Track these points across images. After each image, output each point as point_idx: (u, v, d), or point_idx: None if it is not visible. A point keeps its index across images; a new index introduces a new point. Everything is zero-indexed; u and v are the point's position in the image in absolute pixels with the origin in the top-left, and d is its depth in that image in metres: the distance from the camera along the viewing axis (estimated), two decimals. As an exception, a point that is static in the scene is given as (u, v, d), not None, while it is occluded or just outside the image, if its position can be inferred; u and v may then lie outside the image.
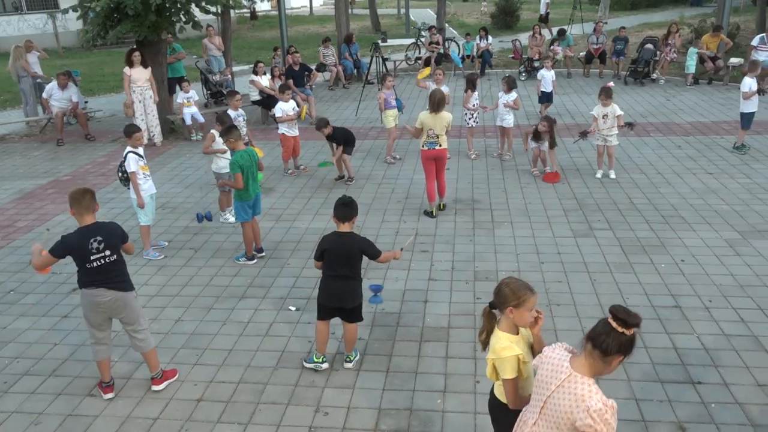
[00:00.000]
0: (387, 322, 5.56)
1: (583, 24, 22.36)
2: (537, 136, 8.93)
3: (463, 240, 7.14)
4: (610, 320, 2.61)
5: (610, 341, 2.58)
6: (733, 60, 14.63)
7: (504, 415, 3.24)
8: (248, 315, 5.79)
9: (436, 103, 7.39)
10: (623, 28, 16.49)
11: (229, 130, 6.65)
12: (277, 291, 6.21)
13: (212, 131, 7.65)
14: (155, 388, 4.75)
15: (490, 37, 17.64)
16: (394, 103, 9.95)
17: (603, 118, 8.69)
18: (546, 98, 11.98)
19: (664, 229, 7.18)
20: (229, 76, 14.89)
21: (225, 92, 12.41)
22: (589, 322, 5.37)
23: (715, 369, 4.74)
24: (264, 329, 5.55)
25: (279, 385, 4.79)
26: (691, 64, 14.64)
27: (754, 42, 14.00)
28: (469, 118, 10.02)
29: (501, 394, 3.24)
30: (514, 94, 9.77)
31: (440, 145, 7.58)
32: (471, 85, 9.92)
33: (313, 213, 8.14)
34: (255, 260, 6.81)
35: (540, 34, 16.93)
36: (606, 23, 17.55)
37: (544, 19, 22.74)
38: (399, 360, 5.04)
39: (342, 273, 4.65)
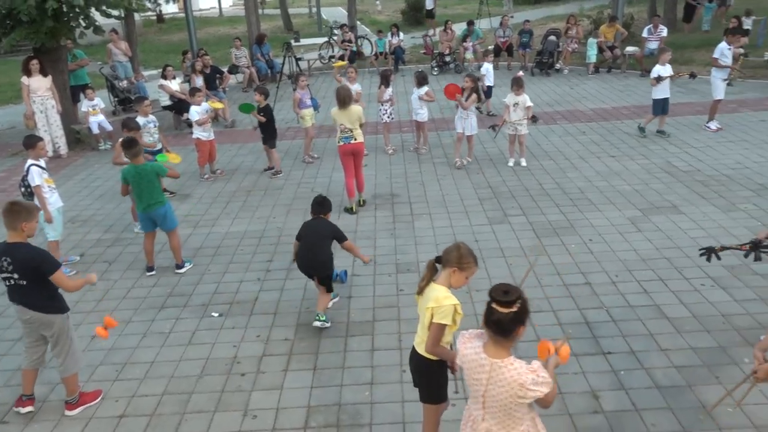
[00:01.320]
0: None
1: (490, 18, 23.00)
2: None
3: (384, 234, 7.24)
4: (493, 305, 2.75)
5: (502, 323, 2.72)
6: (629, 48, 15.49)
7: (433, 370, 3.60)
8: (169, 325, 5.66)
9: (341, 100, 7.63)
10: (527, 21, 17.14)
11: (129, 144, 6.43)
12: (198, 298, 6.10)
13: (121, 140, 7.40)
14: (68, 413, 4.56)
15: (401, 34, 17.88)
16: (309, 102, 9.94)
17: (514, 106, 9.01)
18: (488, 93, 12.35)
19: (572, 211, 7.55)
20: (144, 80, 14.41)
21: (133, 98, 12.01)
22: (506, 305, 5.59)
23: (623, 339, 5.05)
24: (186, 338, 5.44)
25: (205, 393, 4.72)
26: (592, 54, 15.40)
27: (644, 33, 14.90)
28: (384, 114, 10.14)
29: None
30: (425, 89, 9.95)
31: (355, 139, 7.72)
32: (384, 81, 10.05)
33: (232, 217, 8.02)
34: (153, 272, 6.62)
35: (451, 29, 17.31)
36: (512, 17, 18.15)
37: (430, 15, 23.34)
38: (325, 357, 5.07)
39: (313, 249, 5.46)
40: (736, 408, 4.06)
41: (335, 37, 18.69)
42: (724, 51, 10.04)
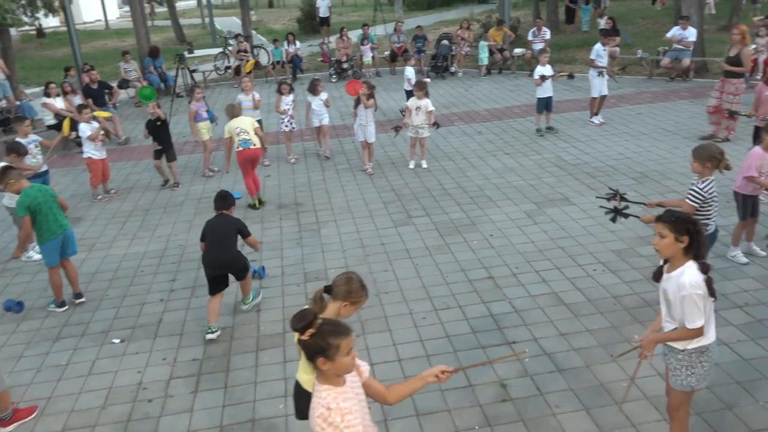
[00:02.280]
0: (220, 338, 5.45)
1: (385, 24, 23.37)
2: (357, 101, 9.24)
3: (290, 244, 7.19)
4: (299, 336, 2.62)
5: (305, 350, 2.60)
6: (517, 50, 16.21)
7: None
8: (66, 356, 5.35)
9: (233, 114, 8.28)
10: (420, 26, 17.55)
11: (3, 172, 5.81)
12: (97, 325, 5.80)
13: (2, 164, 6.91)
14: (2, 430, 4.29)
15: (298, 42, 17.82)
16: (205, 115, 9.70)
17: (416, 110, 9.20)
18: (410, 95, 12.45)
19: (473, 209, 7.80)
20: (28, 99, 13.49)
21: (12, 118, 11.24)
22: (416, 305, 5.73)
23: (525, 327, 5.28)
24: (86, 368, 5.16)
25: (109, 425, 4.50)
26: (483, 57, 15.99)
27: (529, 36, 15.66)
28: (281, 123, 10.08)
29: (306, 382, 3.34)
30: (325, 95, 10.02)
31: (254, 144, 8.08)
32: (284, 89, 9.98)
33: (129, 238, 7.69)
34: (66, 308, 6.12)
35: (347, 36, 17.43)
36: (403, 23, 18.49)
37: (325, 22, 23.54)
38: (237, 373, 4.97)
39: (222, 246, 5.43)
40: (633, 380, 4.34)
41: (230, 48, 18.35)
42: (599, 52, 10.71)
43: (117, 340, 5.53)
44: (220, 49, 19.21)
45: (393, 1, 27.70)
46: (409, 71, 12.24)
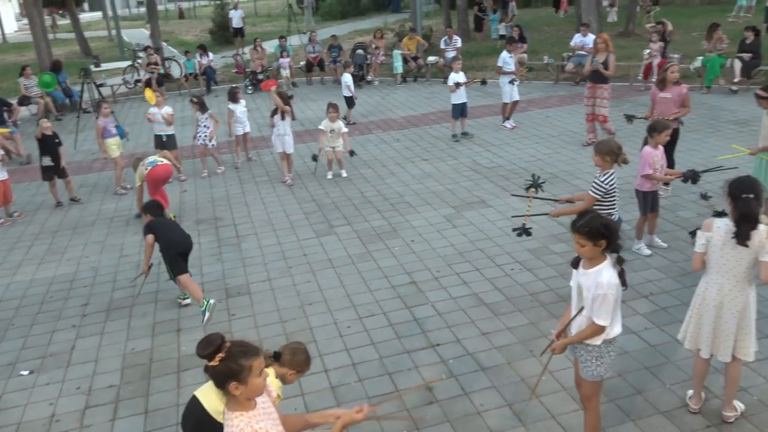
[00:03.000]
0: (138, 361, 5.25)
1: (299, 35, 23.31)
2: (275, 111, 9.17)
3: (210, 260, 7.03)
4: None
5: (215, 377, 2.51)
6: (431, 58, 16.56)
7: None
8: (-31, 393, 5.00)
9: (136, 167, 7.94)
10: (334, 36, 17.62)
11: None
12: (2, 358, 5.45)
13: None
14: None
15: (211, 54, 17.47)
16: (114, 131, 9.34)
17: (330, 132, 9.20)
18: (350, 102, 12.61)
19: (394, 215, 7.90)
20: None
21: None
22: (340, 314, 5.73)
23: (449, 329, 5.39)
24: (-8, 404, 4.85)
25: (20, 461, 4.24)
26: (398, 65, 16.24)
27: (442, 44, 16.04)
28: (194, 137, 9.88)
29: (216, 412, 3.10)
30: (243, 102, 10.22)
31: (162, 161, 7.79)
32: (199, 105, 9.80)
33: (36, 262, 7.29)
34: None
35: (261, 47, 17.25)
36: (317, 32, 18.46)
37: (239, 33, 23.32)
38: (158, 397, 4.80)
39: (182, 230, 6.04)
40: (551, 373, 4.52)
41: (140, 61, 17.77)
42: (506, 59, 11.11)
43: (25, 372, 5.22)
44: (129, 62, 18.57)
45: (307, 12, 27.68)
46: (347, 78, 12.41)
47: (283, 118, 9.03)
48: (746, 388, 4.39)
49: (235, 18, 23.65)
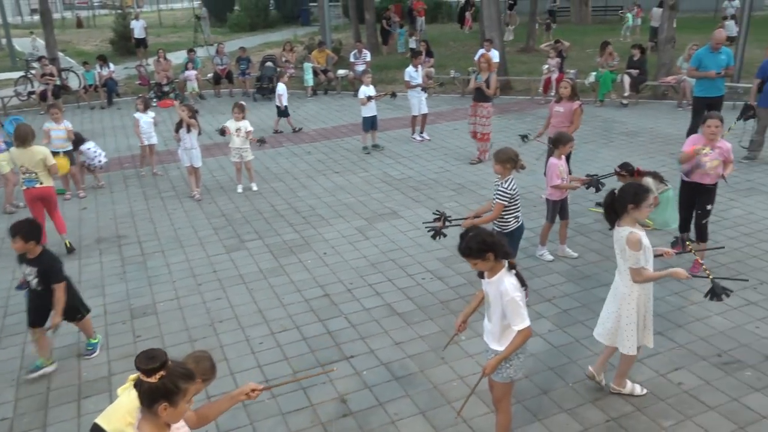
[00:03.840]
0: (35, 391, 4.93)
1: (207, 47, 22.82)
2: (180, 125, 8.94)
3: (113, 280, 6.72)
4: (139, 375, 2.49)
5: (147, 394, 2.46)
6: (341, 71, 16.67)
7: None
8: None
9: (22, 137, 6.96)
10: (243, 48, 17.40)
11: None
12: None
13: None
14: None
15: (111, 65, 16.77)
16: (3, 146, 8.77)
17: (236, 131, 9.07)
18: (282, 112, 12.55)
19: (306, 228, 7.86)
20: None
21: None
22: (252, 331, 5.63)
23: (362, 341, 5.41)
24: None
25: None
26: (308, 78, 16.22)
27: (351, 58, 16.20)
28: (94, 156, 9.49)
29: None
30: (152, 113, 10.03)
31: (41, 183, 7.10)
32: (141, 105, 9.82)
33: None
34: None
35: (165, 59, 16.74)
36: (221, 45, 18.04)
37: (142, 44, 22.69)
38: (56, 428, 4.52)
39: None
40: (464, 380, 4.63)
41: (33, 71, 16.79)
42: (411, 73, 11.35)
43: None
44: (22, 73, 17.51)
45: (219, 23, 27.09)
46: (281, 87, 12.35)
47: (189, 132, 8.80)
48: (639, 382, 4.68)
49: (137, 28, 22.86)
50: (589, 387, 4.66)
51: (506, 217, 5.54)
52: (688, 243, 5.83)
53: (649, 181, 6.25)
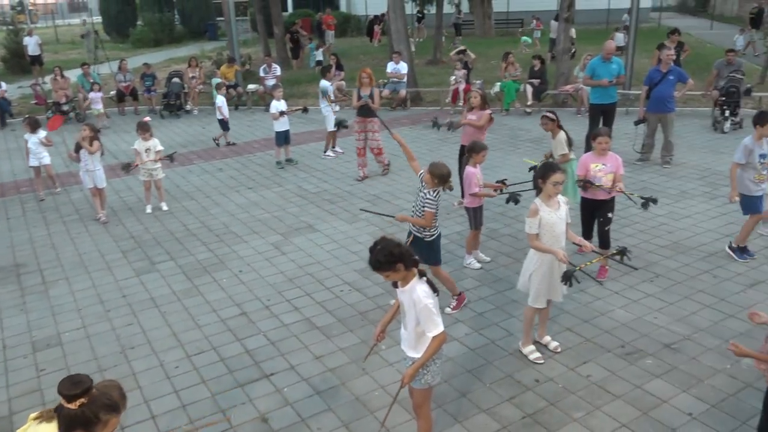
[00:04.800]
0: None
1: (109, 63, 21.96)
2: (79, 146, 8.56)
3: (12, 311, 6.31)
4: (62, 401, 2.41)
5: (65, 420, 2.38)
6: (251, 86, 16.45)
7: None
8: None
9: None
10: (147, 64, 16.87)
11: None
12: None
13: None
14: None
15: (3, 84, 15.81)
16: None
17: (146, 152, 8.77)
18: (224, 125, 12.36)
19: (220, 246, 7.69)
20: None
21: None
22: (166, 355, 5.44)
23: (282, 357, 5.35)
24: None
25: None
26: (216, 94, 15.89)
27: (261, 72, 16.05)
28: None
29: None
30: (42, 133, 9.63)
31: None
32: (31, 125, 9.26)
33: None
34: None
35: (62, 76, 15.94)
36: (124, 61, 17.40)
37: (37, 61, 21.68)
38: (-49, 475, 4.19)
39: None
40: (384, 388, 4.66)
41: None
42: (328, 88, 11.40)
43: None
44: None
45: (88, 41, 25.76)
46: (220, 100, 12.17)
47: (90, 153, 8.43)
48: (551, 378, 4.89)
49: (31, 45, 21.67)
50: (506, 386, 4.82)
51: (433, 224, 5.61)
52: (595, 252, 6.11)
53: (563, 137, 7.27)
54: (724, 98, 11.99)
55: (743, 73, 12.50)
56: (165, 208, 9.02)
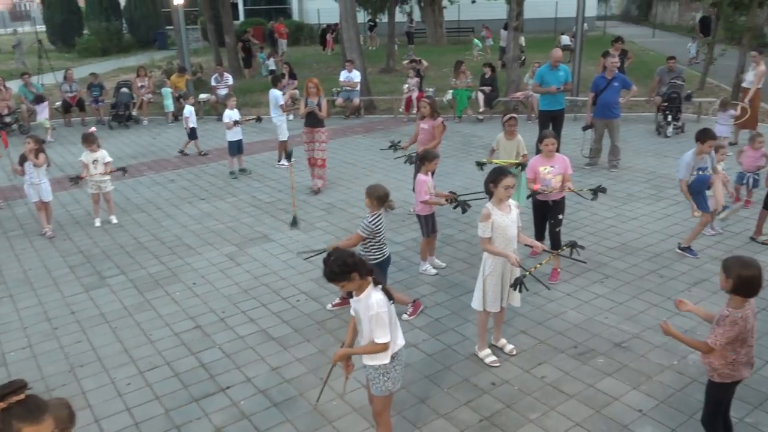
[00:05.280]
0: None
1: (54, 73, 21.32)
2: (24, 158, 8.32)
3: (-48, 333, 6.05)
4: None
5: None
6: (202, 96, 16.21)
7: None
8: None
9: None
10: (94, 74, 16.47)
11: None
12: None
13: None
14: None
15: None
16: None
17: (93, 163, 8.55)
18: (193, 134, 12.18)
19: (173, 259, 7.54)
20: None
21: None
22: (118, 372, 5.31)
23: (238, 370, 5.27)
24: None
25: None
26: (168, 103, 15.64)
27: (213, 82, 15.86)
28: None
29: None
30: None
31: None
32: None
33: None
34: None
35: (5, 87, 15.40)
36: (70, 71, 16.93)
37: None
38: None
39: None
40: (342, 396, 4.65)
41: None
42: (278, 97, 11.34)
43: None
44: None
45: (18, 52, 24.99)
46: (188, 110, 11.99)
47: (35, 165, 8.17)
48: (507, 380, 4.96)
49: (-31, 55, 20.87)
50: (463, 390, 4.87)
51: (372, 250, 5.57)
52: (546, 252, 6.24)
53: (521, 138, 7.67)
54: (666, 104, 12.44)
55: (684, 79, 13.02)
56: (115, 221, 8.80)
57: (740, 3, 15.00)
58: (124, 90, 15.53)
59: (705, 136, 6.68)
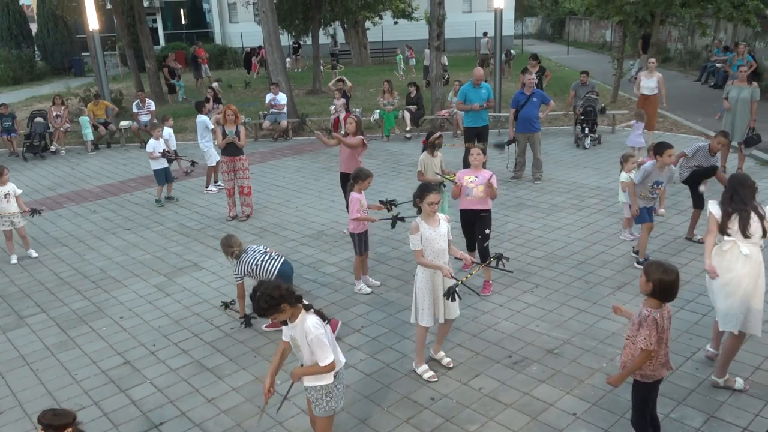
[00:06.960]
0: None
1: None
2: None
3: None
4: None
5: None
6: (123, 123, 15.73)
7: None
8: None
9: None
10: (4, 104, 15.67)
11: None
12: None
13: None
14: None
15: None
16: None
17: (5, 197, 8.11)
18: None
19: (97, 293, 7.24)
20: None
21: None
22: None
23: (171, 404, 5.09)
24: None
25: None
26: (87, 132, 15.08)
27: (134, 108, 15.43)
28: None
29: None
30: None
31: None
32: None
33: None
34: None
35: None
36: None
37: None
38: None
39: None
40: (282, 424, 4.56)
41: None
42: (205, 122, 11.16)
43: None
44: None
45: None
46: (167, 132, 11.54)
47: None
48: (446, 394, 5.01)
49: None
50: (403, 407, 4.88)
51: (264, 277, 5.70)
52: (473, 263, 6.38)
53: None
54: (582, 117, 13.02)
55: (597, 93, 13.68)
56: (34, 255, 8.37)
57: (644, 20, 15.96)
58: (39, 120, 14.89)
59: (662, 147, 6.86)
